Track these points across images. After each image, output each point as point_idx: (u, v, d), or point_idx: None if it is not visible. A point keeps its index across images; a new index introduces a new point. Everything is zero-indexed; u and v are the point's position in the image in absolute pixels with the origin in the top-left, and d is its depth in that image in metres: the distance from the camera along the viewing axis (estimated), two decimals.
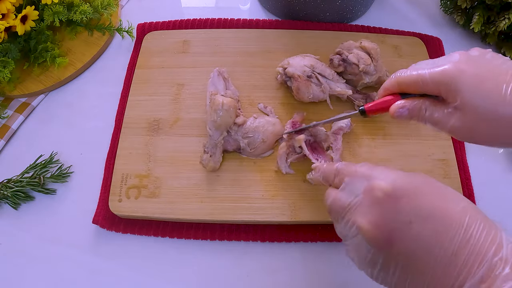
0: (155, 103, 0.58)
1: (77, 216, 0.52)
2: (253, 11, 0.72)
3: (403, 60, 0.61)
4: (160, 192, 0.51)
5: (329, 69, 0.56)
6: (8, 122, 0.59)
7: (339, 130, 0.53)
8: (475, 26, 0.61)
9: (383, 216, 0.30)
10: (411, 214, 0.29)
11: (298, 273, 0.48)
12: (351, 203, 0.33)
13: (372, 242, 0.30)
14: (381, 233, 0.30)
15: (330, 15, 0.66)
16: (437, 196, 0.30)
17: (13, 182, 0.53)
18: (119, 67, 0.64)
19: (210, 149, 0.51)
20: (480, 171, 0.54)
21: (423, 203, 0.30)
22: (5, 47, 0.60)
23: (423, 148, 0.53)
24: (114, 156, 0.54)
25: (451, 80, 0.33)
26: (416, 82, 0.36)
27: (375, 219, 0.30)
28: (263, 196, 0.50)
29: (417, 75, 0.36)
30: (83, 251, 0.50)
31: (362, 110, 0.42)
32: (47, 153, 0.56)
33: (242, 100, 0.58)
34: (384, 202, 0.30)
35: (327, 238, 0.49)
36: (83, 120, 0.60)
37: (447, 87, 0.34)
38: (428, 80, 0.35)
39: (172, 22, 0.67)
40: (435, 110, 0.36)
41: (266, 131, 0.51)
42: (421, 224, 0.29)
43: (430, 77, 0.35)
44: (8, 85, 0.61)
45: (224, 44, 0.63)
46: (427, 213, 0.29)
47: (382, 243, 0.30)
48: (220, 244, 0.50)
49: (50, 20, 0.61)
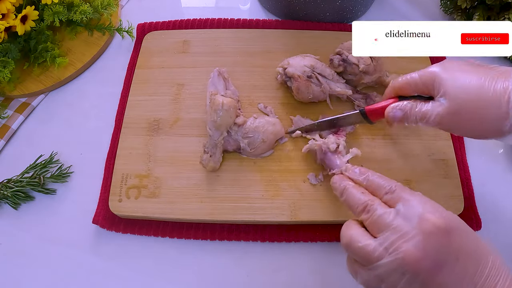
0: (155, 103, 0.58)
1: (77, 216, 0.52)
2: (253, 11, 0.72)
3: (403, 60, 0.61)
4: (160, 192, 0.51)
5: (329, 69, 0.56)
6: (8, 122, 0.59)
7: (343, 130, 0.53)
8: None
9: (434, 246, 0.31)
10: (458, 252, 0.31)
11: (298, 273, 0.48)
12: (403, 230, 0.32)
13: (415, 266, 0.30)
14: (430, 261, 0.30)
15: (330, 15, 0.66)
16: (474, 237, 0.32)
17: (13, 182, 0.53)
18: (119, 67, 0.64)
19: (210, 149, 0.51)
20: (480, 171, 0.54)
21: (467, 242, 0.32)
22: (5, 47, 0.60)
23: (423, 148, 0.53)
24: (114, 156, 0.54)
25: (436, 76, 0.39)
26: (408, 83, 0.42)
27: (424, 246, 0.31)
28: (263, 196, 0.50)
29: (409, 77, 0.42)
30: (83, 251, 0.50)
31: (363, 111, 0.46)
32: (47, 153, 0.56)
33: (242, 100, 0.58)
34: (436, 235, 0.31)
35: (327, 238, 0.49)
36: (83, 120, 0.60)
37: (433, 82, 0.39)
38: (417, 79, 0.41)
39: (172, 22, 0.67)
40: (424, 105, 0.40)
41: (266, 131, 0.51)
42: (464, 262, 0.31)
43: (419, 76, 0.41)
44: (8, 85, 0.61)
45: (224, 44, 0.63)
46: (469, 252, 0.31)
47: (427, 270, 0.30)
48: (220, 244, 0.50)
49: (50, 20, 0.61)
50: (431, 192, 0.49)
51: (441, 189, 0.50)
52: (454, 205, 0.49)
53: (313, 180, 0.51)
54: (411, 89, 0.42)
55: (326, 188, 0.50)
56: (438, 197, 0.49)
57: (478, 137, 0.39)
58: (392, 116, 0.43)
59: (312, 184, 0.51)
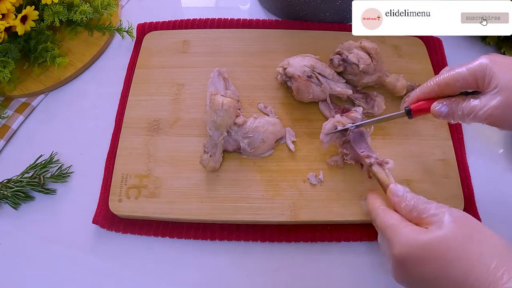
0: (155, 103, 0.58)
1: (77, 216, 0.52)
2: (253, 11, 0.72)
3: (403, 60, 0.61)
4: (160, 192, 0.51)
5: (329, 69, 0.56)
6: (8, 122, 0.59)
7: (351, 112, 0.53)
8: None
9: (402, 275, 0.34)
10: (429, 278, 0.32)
11: (298, 273, 0.48)
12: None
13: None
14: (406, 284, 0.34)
15: (330, 15, 0.66)
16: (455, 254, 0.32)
17: (13, 182, 0.53)
18: (119, 67, 0.64)
19: (210, 149, 0.51)
20: (480, 171, 0.54)
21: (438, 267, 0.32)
22: (5, 47, 0.60)
23: (423, 148, 0.53)
24: (114, 156, 0.54)
25: (487, 68, 0.37)
26: (455, 79, 0.39)
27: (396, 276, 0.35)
28: (263, 196, 0.50)
29: (456, 73, 0.39)
30: (83, 251, 0.50)
31: (408, 110, 0.44)
32: (47, 153, 0.56)
33: (242, 100, 0.58)
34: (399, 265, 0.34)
35: (327, 238, 0.49)
36: (83, 120, 0.60)
37: (483, 74, 0.37)
38: (466, 74, 0.39)
39: (172, 22, 0.67)
40: (473, 100, 0.38)
41: (266, 131, 0.51)
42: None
43: (468, 71, 0.38)
44: (8, 85, 0.61)
45: (224, 44, 0.63)
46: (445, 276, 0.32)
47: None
48: (220, 244, 0.50)
49: (50, 20, 0.61)
50: (431, 192, 0.50)
51: (441, 189, 0.50)
52: (454, 205, 0.48)
53: (313, 180, 0.51)
54: (459, 84, 0.40)
55: (326, 188, 0.50)
56: (438, 197, 0.49)
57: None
58: (439, 112, 0.41)
59: (312, 184, 0.51)
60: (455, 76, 0.40)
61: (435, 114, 0.42)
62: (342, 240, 0.49)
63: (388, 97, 0.56)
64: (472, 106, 0.38)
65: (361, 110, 0.53)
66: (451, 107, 0.40)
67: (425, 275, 0.32)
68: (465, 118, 0.40)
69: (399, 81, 0.55)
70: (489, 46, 0.66)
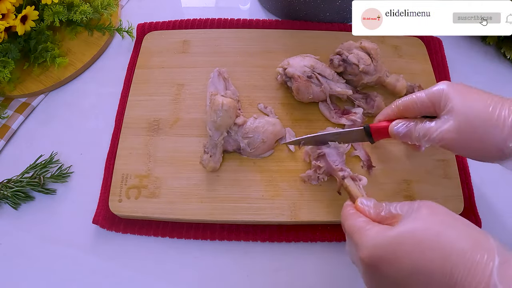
0: (155, 103, 0.58)
1: (77, 216, 0.52)
2: (253, 11, 0.72)
3: (403, 60, 0.61)
4: (160, 192, 0.51)
5: (329, 69, 0.56)
6: (8, 122, 0.59)
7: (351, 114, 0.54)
8: None
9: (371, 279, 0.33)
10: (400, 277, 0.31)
11: (298, 273, 0.48)
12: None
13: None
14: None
15: (330, 15, 0.66)
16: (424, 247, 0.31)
17: (13, 182, 0.53)
18: (119, 67, 0.64)
19: (210, 149, 0.51)
20: (480, 171, 0.54)
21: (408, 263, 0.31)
22: (5, 47, 0.60)
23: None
24: (114, 156, 0.54)
25: (443, 93, 0.39)
26: (414, 102, 0.41)
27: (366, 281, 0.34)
28: (263, 196, 0.50)
29: (415, 97, 0.41)
30: (83, 251, 0.50)
31: (367, 126, 0.46)
32: (47, 153, 0.56)
33: (242, 100, 0.58)
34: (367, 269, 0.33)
35: (327, 238, 0.49)
36: (83, 120, 0.60)
37: (440, 99, 0.39)
38: (424, 98, 0.40)
39: (172, 22, 0.67)
40: (428, 122, 0.40)
41: (266, 131, 0.51)
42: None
43: (426, 95, 0.40)
44: (8, 85, 0.61)
45: (224, 44, 0.63)
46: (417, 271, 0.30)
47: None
48: (220, 244, 0.50)
49: (50, 20, 0.61)
50: (431, 192, 0.50)
51: (441, 189, 0.50)
52: (454, 205, 0.49)
53: (313, 181, 0.51)
54: (417, 108, 0.41)
55: (326, 188, 0.50)
56: (438, 197, 0.49)
57: (479, 158, 0.39)
58: (396, 132, 0.43)
59: (312, 184, 0.51)
60: (414, 99, 0.41)
61: (393, 134, 0.43)
62: (342, 240, 0.49)
63: (388, 97, 0.56)
64: (428, 128, 0.39)
65: (361, 111, 0.54)
66: (409, 127, 0.42)
67: (399, 274, 0.30)
68: (421, 139, 0.40)
69: (399, 81, 0.55)
70: (489, 46, 0.66)
